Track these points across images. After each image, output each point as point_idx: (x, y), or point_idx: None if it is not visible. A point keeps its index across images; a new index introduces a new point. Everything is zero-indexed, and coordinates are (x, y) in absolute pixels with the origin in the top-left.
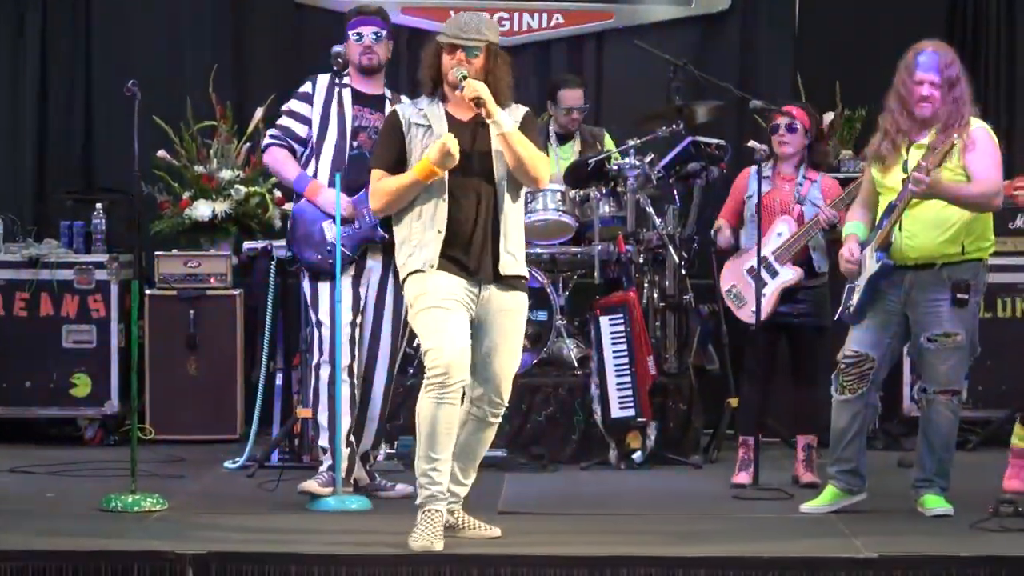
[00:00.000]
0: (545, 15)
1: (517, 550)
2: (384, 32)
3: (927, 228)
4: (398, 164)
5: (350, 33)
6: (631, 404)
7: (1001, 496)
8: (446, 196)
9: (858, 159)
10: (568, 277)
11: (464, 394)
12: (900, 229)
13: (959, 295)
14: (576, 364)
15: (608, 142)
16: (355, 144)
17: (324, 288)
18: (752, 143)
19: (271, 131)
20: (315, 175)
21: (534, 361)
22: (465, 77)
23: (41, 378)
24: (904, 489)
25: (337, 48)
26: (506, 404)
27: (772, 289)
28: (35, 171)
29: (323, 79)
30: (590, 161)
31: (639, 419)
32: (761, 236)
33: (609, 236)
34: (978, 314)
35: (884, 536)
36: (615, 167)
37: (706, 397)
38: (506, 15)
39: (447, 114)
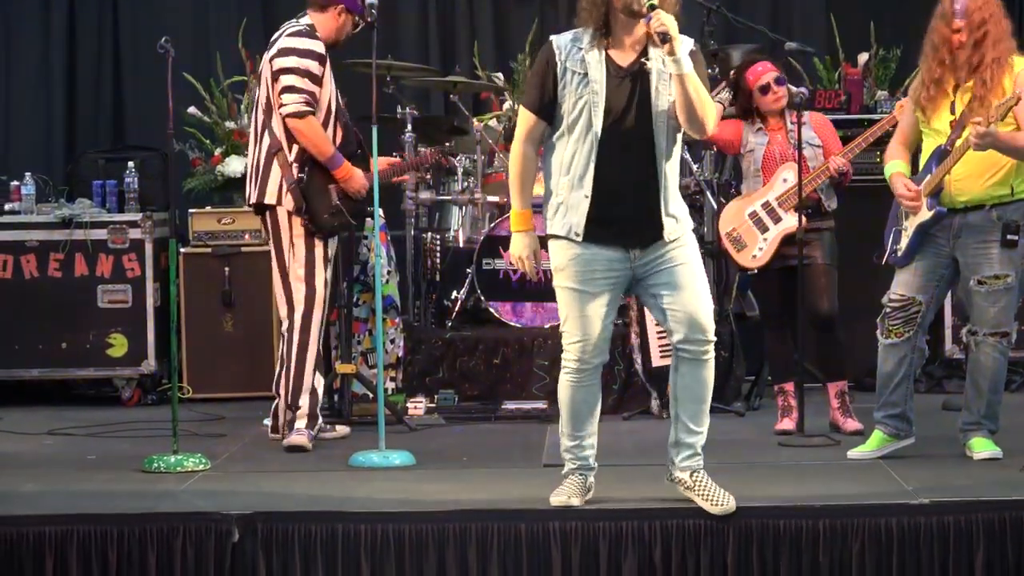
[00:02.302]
0: None
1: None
2: None
3: (977, 171)
4: (549, 107)
5: (355, 13)
6: (672, 352)
7: None
8: (595, 157)
9: (894, 99)
10: None
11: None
12: (949, 173)
13: (1009, 236)
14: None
15: None
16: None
17: (319, 248)
18: (726, 93)
19: (301, 96)
20: None
21: None
22: (654, 6)
23: (77, 339)
24: (950, 432)
25: (372, 0)
26: (710, 338)
27: (774, 234)
28: (65, 131)
29: (323, 37)
30: None
31: None
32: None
33: None
34: None
35: (934, 481)
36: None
37: (747, 344)
38: None
39: (608, 60)
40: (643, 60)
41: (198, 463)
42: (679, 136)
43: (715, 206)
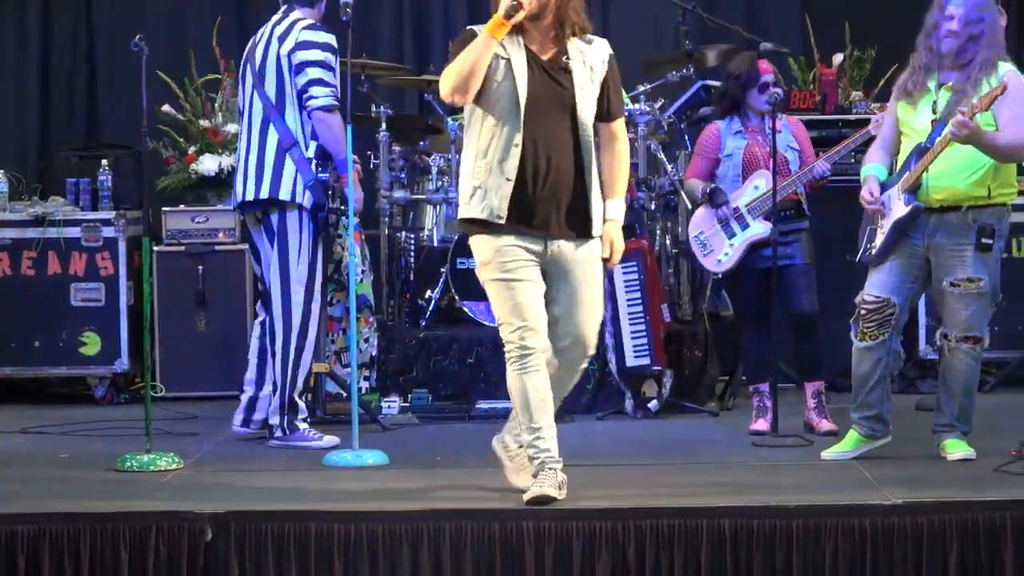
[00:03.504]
0: None
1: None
2: None
3: (955, 170)
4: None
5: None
6: (646, 352)
7: None
8: (520, 141)
9: (869, 100)
10: None
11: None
12: (927, 171)
13: (984, 239)
14: None
15: None
16: None
17: (321, 248)
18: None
19: (331, 89)
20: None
21: None
22: (517, 6)
23: (50, 337)
24: (924, 433)
25: None
26: (590, 353)
27: (741, 240)
28: (39, 128)
29: None
30: None
31: (654, 367)
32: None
33: None
34: (999, 260)
35: (908, 482)
36: (625, 113)
37: (721, 344)
38: None
39: (528, 50)
40: (564, 59)
41: (171, 462)
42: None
43: (689, 206)
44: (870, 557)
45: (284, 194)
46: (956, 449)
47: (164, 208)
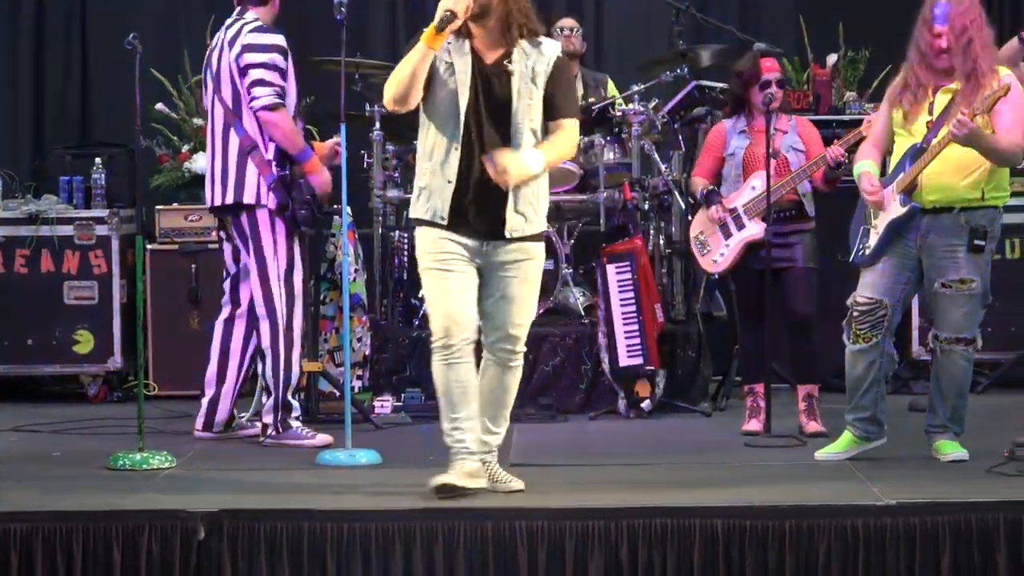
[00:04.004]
0: None
1: (532, 502)
2: None
3: (950, 172)
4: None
5: None
6: (639, 352)
7: (1017, 440)
8: (459, 144)
9: (863, 100)
10: (573, 225)
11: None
12: (923, 172)
13: (976, 241)
14: (583, 313)
15: (611, 88)
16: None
17: (296, 244)
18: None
19: (272, 89)
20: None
21: (540, 310)
22: (451, 16)
23: (43, 335)
24: (917, 433)
25: None
26: (522, 350)
27: (736, 241)
28: (32, 126)
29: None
30: (594, 107)
31: (647, 367)
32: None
33: (614, 183)
34: (991, 262)
35: (901, 482)
36: (619, 113)
37: (714, 344)
38: None
39: (474, 54)
40: (506, 62)
41: (164, 461)
42: (537, 137)
43: (683, 206)
44: (863, 557)
45: (248, 197)
46: (949, 450)
47: (157, 206)
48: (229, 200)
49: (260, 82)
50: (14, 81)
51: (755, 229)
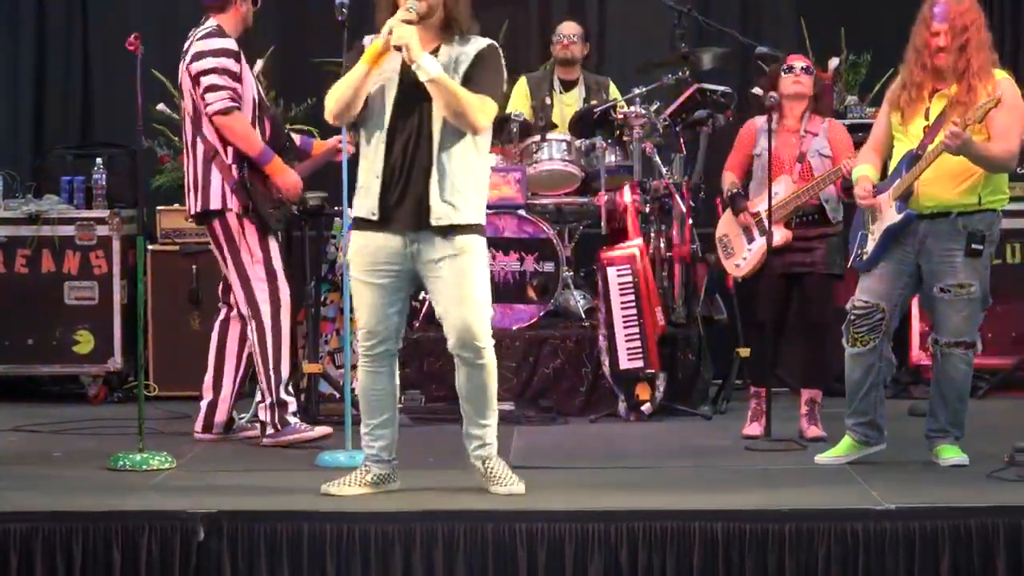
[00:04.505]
0: None
1: (531, 505)
2: None
3: (946, 178)
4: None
5: None
6: (639, 355)
7: (1017, 445)
8: (385, 138)
9: (864, 104)
10: (574, 228)
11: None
12: (918, 178)
13: (974, 245)
14: (583, 315)
15: (613, 90)
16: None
17: (274, 245)
18: (757, 89)
19: (224, 92)
20: None
21: (541, 313)
22: (413, 16)
23: (44, 335)
24: (917, 438)
25: None
26: (483, 345)
27: (758, 245)
28: (33, 126)
29: (232, 35)
30: (596, 110)
31: (648, 370)
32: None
33: (615, 185)
34: (989, 266)
35: (900, 487)
36: (621, 116)
37: (714, 347)
38: None
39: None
40: (434, 54)
41: (164, 461)
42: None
43: (684, 209)
44: (862, 561)
45: (215, 203)
46: (949, 454)
47: (158, 207)
48: (197, 208)
49: (212, 87)
50: (15, 80)
51: (777, 236)
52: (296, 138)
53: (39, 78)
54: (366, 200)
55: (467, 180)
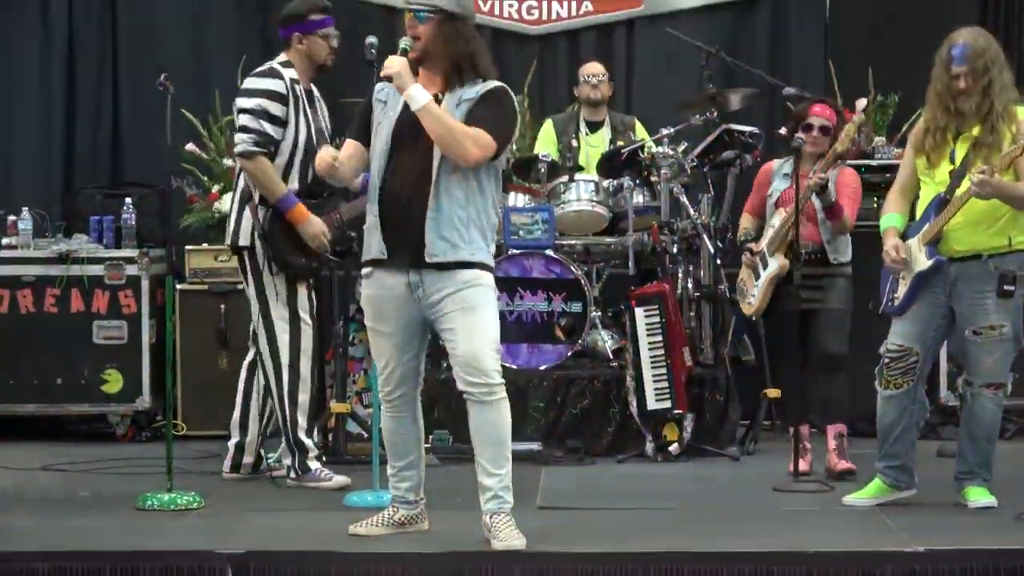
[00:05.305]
0: (574, 3)
1: (559, 547)
2: None
3: (975, 221)
4: (365, 135)
5: (318, 31)
6: (667, 396)
7: None
8: (380, 181)
9: (892, 146)
10: (602, 268)
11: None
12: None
13: (1006, 286)
14: (611, 356)
15: (640, 130)
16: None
17: (303, 292)
18: (783, 130)
19: (248, 136)
20: (286, 181)
21: (569, 353)
22: (406, 51)
23: (72, 374)
24: (945, 479)
25: (372, 39)
26: (492, 380)
27: (764, 280)
28: (63, 166)
29: (286, 76)
30: (623, 150)
31: (675, 411)
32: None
33: (643, 226)
34: (1022, 306)
35: (929, 529)
36: (648, 156)
37: (742, 388)
38: (535, 3)
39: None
40: (438, 95)
41: (192, 501)
42: (473, 169)
43: (711, 250)
44: None
45: (244, 240)
46: (978, 497)
47: (187, 247)
48: (230, 241)
49: (242, 128)
50: (46, 120)
51: (774, 265)
52: (359, 177)
53: (70, 118)
54: (371, 242)
55: (467, 218)
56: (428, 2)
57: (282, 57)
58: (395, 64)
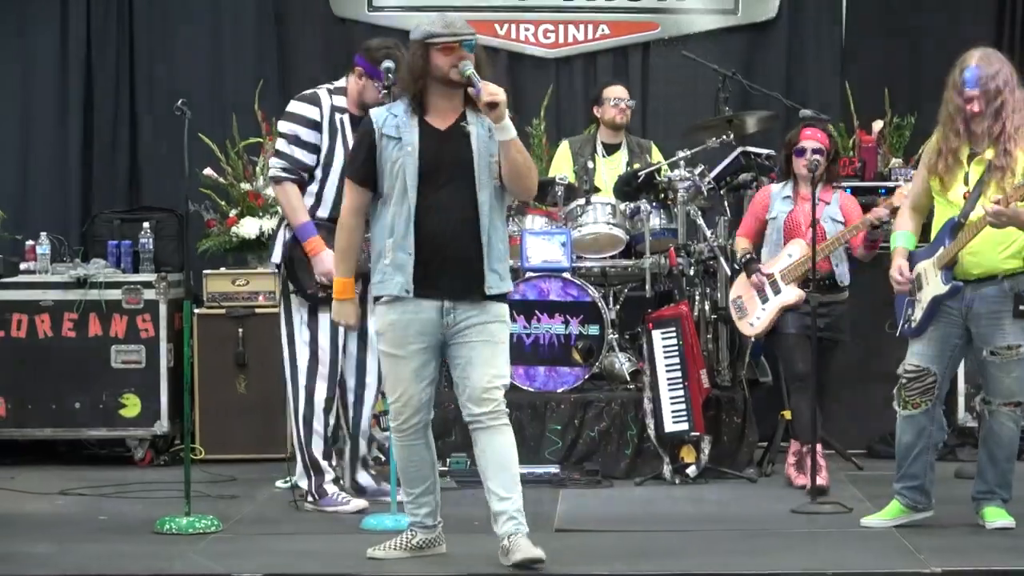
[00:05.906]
0: (590, 26)
1: (578, 570)
2: None
3: (990, 244)
4: (368, 174)
5: (378, 81)
6: (685, 418)
7: None
8: (413, 219)
9: (908, 166)
10: (619, 290)
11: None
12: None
13: (1021, 306)
14: (629, 378)
15: (656, 153)
16: None
17: (324, 318)
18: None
19: (280, 162)
20: (318, 205)
21: (586, 376)
22: (470, 75)
23: (90, 399)
24: (963, 500)
25: (388, 64)
26: (503, 409)
27: (773, 306)
28: (81, 191)
29: (326, 103)
30: (640, 173)
31: (693, 433)
32: (814, 250)
33: (660, 248)
34: None
35: (947, 550)
36: (665, 179)
37: (759, 410)
38: (551, 27)
39: (421, 124)
40: (462, 124)
41: (210, 525)
42: (504, 196)
43: (728, 272)
44: None
45: (276, 258)
46: (996, 517)
47: (205, 271)
48: (270, 257)
49: (276, 152)
50: (64, 145)
51: (791, 295)
52: None
53: (87, 143)
54: (397, 277)
55: (504, 249)
56: (472, 32)
57: (341, 82)
58: (502, 93)
